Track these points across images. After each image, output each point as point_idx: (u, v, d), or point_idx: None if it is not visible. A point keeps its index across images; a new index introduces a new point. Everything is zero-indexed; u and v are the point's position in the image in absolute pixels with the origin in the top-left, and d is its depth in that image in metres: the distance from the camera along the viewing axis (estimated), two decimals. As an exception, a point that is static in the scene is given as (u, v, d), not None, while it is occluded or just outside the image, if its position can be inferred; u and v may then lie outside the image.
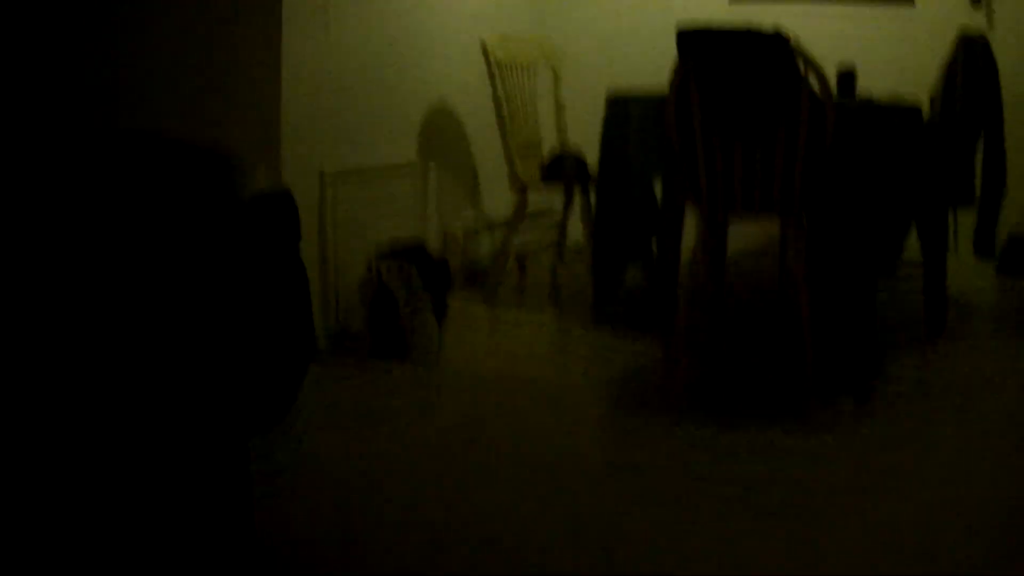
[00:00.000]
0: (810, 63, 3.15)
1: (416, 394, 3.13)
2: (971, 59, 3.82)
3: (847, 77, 3.83)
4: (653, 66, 3.91)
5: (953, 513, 2.32)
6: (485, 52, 4.31)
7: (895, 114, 3.51)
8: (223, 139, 3.33)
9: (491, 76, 4.31)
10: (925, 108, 3.69)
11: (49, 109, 3.11)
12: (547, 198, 5.31)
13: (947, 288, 4.01)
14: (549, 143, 4.73)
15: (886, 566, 2.08)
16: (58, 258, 1.33)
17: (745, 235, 5.38)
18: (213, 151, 1.63)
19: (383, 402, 3.05)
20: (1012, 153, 3.87)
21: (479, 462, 2.59)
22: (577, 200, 4.43)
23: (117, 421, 1.35)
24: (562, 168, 4.37)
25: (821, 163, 3.26)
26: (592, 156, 4.24)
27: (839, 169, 3.45)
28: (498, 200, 4.95)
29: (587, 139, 4.45)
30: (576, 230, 4.58)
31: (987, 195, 3.82)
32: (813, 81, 3.19)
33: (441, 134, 4.53)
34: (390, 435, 2.78)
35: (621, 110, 3.98)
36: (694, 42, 3.24)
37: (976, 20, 4.61)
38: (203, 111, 3.35)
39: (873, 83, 3.98)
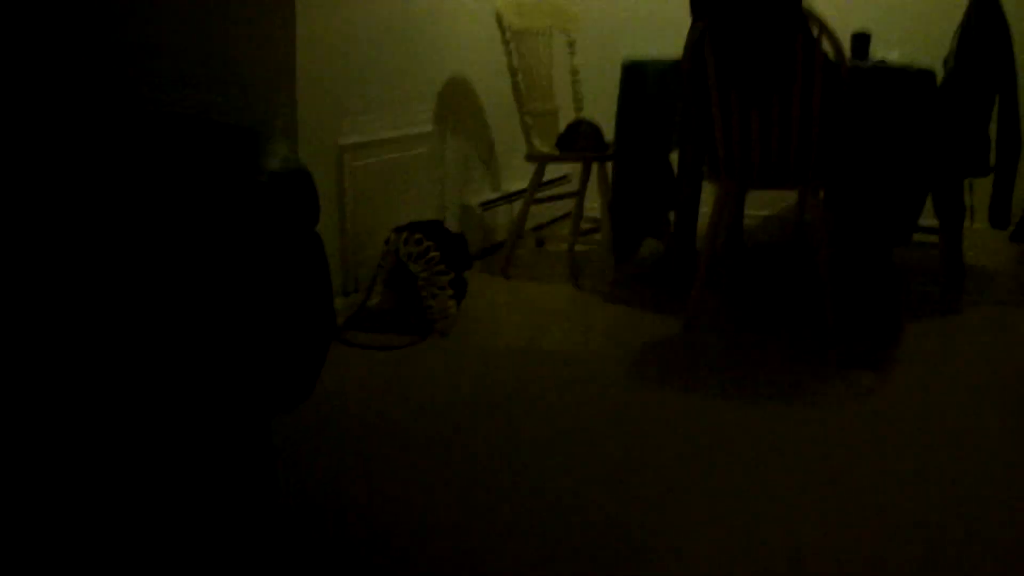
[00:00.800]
0: (823, 26, 3.14)
1: (435, 369, 3.15)
2: (984, 21, 3.77)
3: (861, 39, 3.81)
4: (669, 31, 3.91)
5: (963, 483, 2.33)
6: (499, 19, 4.30)
7: (908, 77, 3.49)
8: (240, 110, 3.33)
9: (505, 44, 4.31)
10: (939, 74, 3.66)
11: (67, 84, 3.12)
12: (565, 170, 5.31)
13: (963, 257, 4.01)
14: (565, 112, 4.71)
15: (892, 545, 2.09)
16: (73, 232, 1.34)
17: (762, 203, 5.37)
18: (231, 125, 1.63)
19: (402, 378, 3.07)
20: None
21: (498, 437, 2.61)
22: (594, 171, 4.42)
23: (135, 404, 1.36)
24: (578, 138, 4.36)
25: (836, 128, 3.26)
26: (609, 125, 4.23)
27: (854, 135, 3.44)
28: (515, 173, 4.95)
29: (604, 107, 4.44)
30: (594, 202, 4.58)
31: (1002, 164, 3.80)
32: (827, 44, 3.19)
33: (457, 106, 4.52)
34: (408, 410, 2.79)
35: (637, 77, 3.97)
36: (709, 4, 3.24)
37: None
38: (220, 82, 3.35)
39: (887, 49, 3.96)
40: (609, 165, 4.27)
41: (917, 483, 2.32)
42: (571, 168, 5.19)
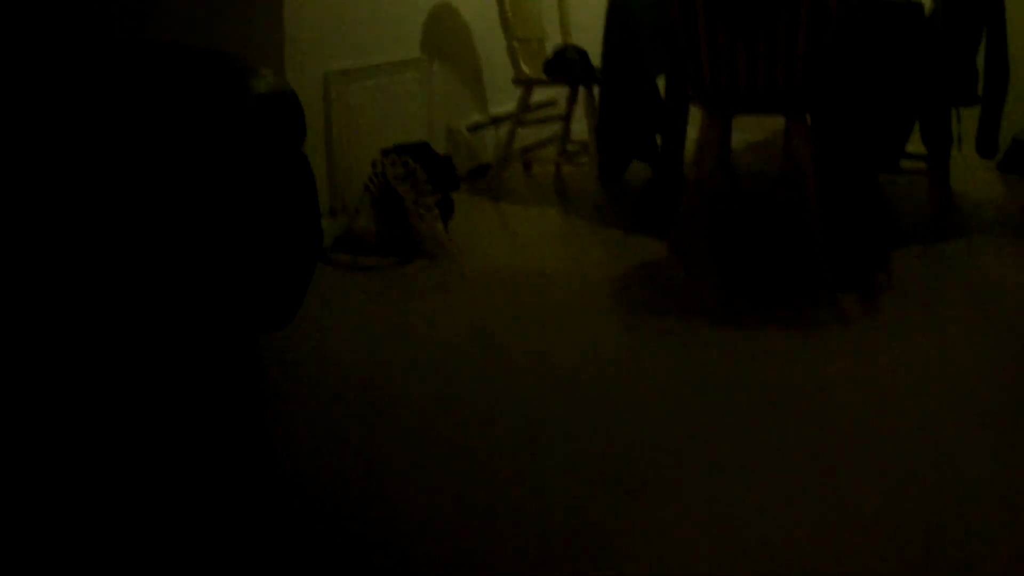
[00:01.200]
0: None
1: (421, 292, 3.17)
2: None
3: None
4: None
5: (954, 410, 2.37)
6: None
7: (896, 7, 3.48)
8: (226, 40, 3.31)
9: (493, -28, 4.29)
10: (928, 4, 3.65)
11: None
12: (552, 95, 5.30)
13: (951, 186, 4.02)
14: (552, 40, 4.69)
15: (888, 474, 2.12)
16: (61, 160, 1.35)
17: (749, 128, 5.38)
18: (217, 52, 1.63)
19: (388, 300, 3.09)
20: (1015, 51, 3.83)
21: (485, 360, 2.63)
22: (581, 96, 4.41)
23: (122, 320, 1.38)
24: (565, 63, 4.35)
25: (824, 56, 3.25)
26: (596, 52, 4.22)
27: (841, 63, 3.44)
28: (503, 98, 4.93)
29: (591, 35, 4.42)
30: (581, 126, 4.57)
31: (990, 94, 3.80)
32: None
33: (445, 32, 4.49)
34: (394, 333, 2.81)
35: (624, 4, 3.95)
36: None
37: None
38: (205, 11, 3.32)
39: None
40: (596, 90, 4.26)
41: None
42: (558, 93, 5.18)
